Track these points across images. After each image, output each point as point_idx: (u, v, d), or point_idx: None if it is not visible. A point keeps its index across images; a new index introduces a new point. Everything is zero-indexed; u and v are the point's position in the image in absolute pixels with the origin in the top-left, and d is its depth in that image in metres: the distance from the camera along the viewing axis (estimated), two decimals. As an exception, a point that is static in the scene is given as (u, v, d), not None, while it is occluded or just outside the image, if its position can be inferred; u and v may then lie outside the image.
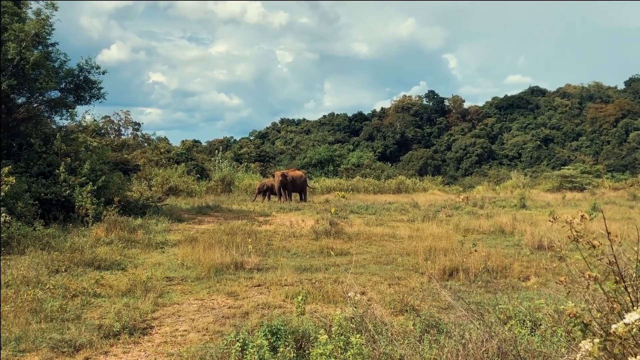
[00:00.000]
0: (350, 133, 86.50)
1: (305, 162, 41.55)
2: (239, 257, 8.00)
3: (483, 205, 18.84)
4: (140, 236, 10.12)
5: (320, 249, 9.45)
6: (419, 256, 8.51)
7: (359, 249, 9.81)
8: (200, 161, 30.60)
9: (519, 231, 11.53)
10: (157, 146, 30.59)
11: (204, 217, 14.66)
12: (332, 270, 7.74)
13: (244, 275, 7.25)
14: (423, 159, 70.62)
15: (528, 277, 7.21)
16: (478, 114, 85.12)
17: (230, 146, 68.49)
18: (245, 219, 13.32)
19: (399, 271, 7.68)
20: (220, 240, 9.37)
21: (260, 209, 17.03)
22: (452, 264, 7.49)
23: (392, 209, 17.60)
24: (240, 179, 27.53)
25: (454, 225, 12.60)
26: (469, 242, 9.33)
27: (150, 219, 12.38)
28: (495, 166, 68.06)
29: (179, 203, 18.21)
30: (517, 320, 3.85)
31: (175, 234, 11.28)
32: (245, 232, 10.82)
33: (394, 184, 30.81)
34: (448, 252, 8.43)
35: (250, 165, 38.03)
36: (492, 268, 7.46)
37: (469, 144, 75.06)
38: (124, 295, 6.18)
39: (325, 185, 28.75)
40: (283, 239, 10.72)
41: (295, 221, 13.07)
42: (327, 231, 11.00)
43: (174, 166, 25.54)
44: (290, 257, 8.84)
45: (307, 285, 6.64)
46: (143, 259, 8.55)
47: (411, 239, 10.52)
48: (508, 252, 9.03)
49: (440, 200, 22.03)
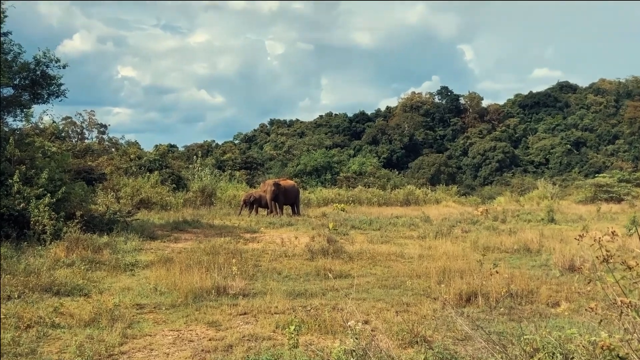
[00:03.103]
0: (350, 136, 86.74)
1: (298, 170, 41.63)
2: (222, 280, 7.97)
3: (505, 219, 18.87)
4: (106, 256, 10.07)
5: (317, 270, 9.43)
6: (431, 279, 8.51)
7: (362, 270, 9.79)
8: (177, 169, 30.56)
9: (547, 249, 11.56)
10: (126, 152, 30.56)
11: (180, 234, 14.61)
12: (330, 296, 7.72)
13: (228, 302, 7.23)
14: (435, 165, 70.84)
15: (558, 303, 7.21)
16: (499, 114, 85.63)
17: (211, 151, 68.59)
18: (229, 236, 13.27)
19: (408, 296, 7.67)
20: (199, 261, 9.34)
21: (246, 224, 16.99)
22: (470, 287, 7.49)
23: (400, 223, 17.59)
24: (224, 189, 27.46)
25: (472, 243, 12.62)
26: (489, 262, 9.33)
27: (118, 237, 12.33)
28: (519, 174, 68.32)
29: (151, 218, 18.14)
30: (545, 354, 3.85)
31: (147, 253, 11.23)
32: (229, 252, 10.77)
33: (401, 194, 30.83)
34: (465, 273, 8.43)
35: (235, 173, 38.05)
36: (516, 292, 7.47)
37: (488, 148, 75.41)
38: (87, 326, 6.14)
39: (322, 197, 28.75)
40: (273, 259, 10.69)
41: (287, 238, 13.05)
42: (325, 250, 10.98)
43: (145, 175, 25.46)
44: (281, 281, 8.82)
45: (301, 313, 6.62)
46: (109, 283, 8.51)
47: (422, 259, 10.51)
48: (534, 274, 9.04)
49: (455, 213, 22.05)
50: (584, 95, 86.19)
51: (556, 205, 23.66)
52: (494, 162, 73.97)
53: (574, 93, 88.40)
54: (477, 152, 76.35)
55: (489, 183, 67.49)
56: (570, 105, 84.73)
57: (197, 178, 28.86)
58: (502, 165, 73.98)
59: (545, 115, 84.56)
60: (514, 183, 48.63)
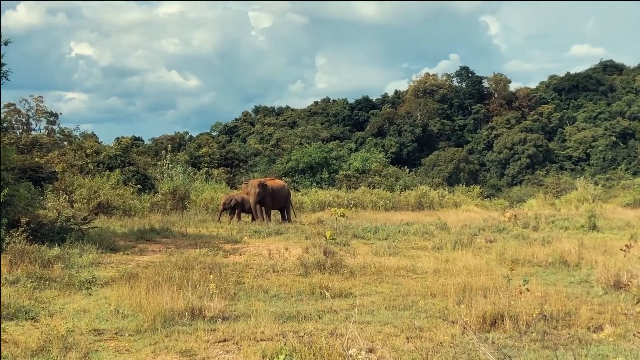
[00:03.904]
0: (352, 126, 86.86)
1: (289, 167, 41.53)
2: (197, 300, 7.96)
3: (537, 227, 18.90)
4: (57, 272, 10.04)
5: (311, 288, 9.42)
6: (449, 298, 8.52)
7: (365, 288, 9.79)
8: (143, 166, 30.51)
9: (588, 262, 11.58)
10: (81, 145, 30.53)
11: (147, 245, 14.57)
12: (328, 319, 7.72)
13: (204, 327, 7.22)
14: (453, 162, 70.99)
15: (601, 327, 7.23)
16: (530, 100, 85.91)
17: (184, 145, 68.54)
18: (205, 247, 13.25)
19: (421, 319, 7.68)
20: (170, 278, 9.33)
21: (226, 233, 16.95)
22: (495, 308, 7.50)
23: (411, 232, 17.60)
24: (199, 190, 27.40)
25: (497, 255, 12.63)
26: (518, 277, 9.34)
27: (72, 248, 12.29)
28: (554, 172, 68.56)
29: (112, 225, 18.09)
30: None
31: (107, 268, 11.20)
32: (206, 266, 10.75)
33: (413, 197, 30.81)
34: (489, 291, 8.43)
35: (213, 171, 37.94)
36: (551, 314, 7.48)
37: (517, 141, 75.63)
38: (35, 356, 6.12)
39: (317, 199, 28.72)
40: (259, 274, 10.68)
41: (275, 249, 13.03)
42: (321, 264, 10.98)
43: (105, 174, 25.42)
44: (268, 301, 8.81)
45: (293, 339, 6.61)
46: (62, 304, 8.49)
47: (438, 274, 10.52)
48: (573, 292, 9.06)
49: (477, 219, 22.06)
50: (632, 77, 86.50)
51: (599, 210, 23.70)
52: (524, 158, 74.17)
53: (620, 74, 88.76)
54: (503, 146, 76.53)
55: (518, 183, 67.65)
56: (616, 89, 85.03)
57: (167, 177, 28.84)
58: (533, 161, 74.18)
59: (585, 101, 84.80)
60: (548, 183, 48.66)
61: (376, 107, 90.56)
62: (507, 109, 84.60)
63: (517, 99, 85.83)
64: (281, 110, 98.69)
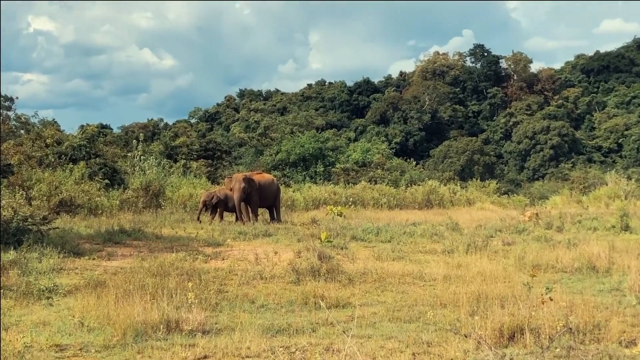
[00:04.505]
0: (350, 113, 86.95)
1: (279, 160, 41.55)
2: (173, 312, 7.96)
3: (562, 227, 18.97)
4: (13, 279, 10.02)
5: (304, 297, 9.44)
6: (461, 308, 8.54)
7: (366, 297, 9.82)
8: (111, 158, 30.41)
9: (620, 268, 11.62)
10: (40, 134, 30.38)
11: (116, 249, 14.56)
12: (323, 332, 7.74)
13: (181, 342, 7.22)
14: (467, 153, 71.08)
15: (634, 341, 7.26)
16: (554, 82, 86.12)
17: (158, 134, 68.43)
18: (183, 251, 13.24)
19: (429, 332, 7.69)
20: (142, 286, 9.32)
21: (207, 235, 16.96)
22: (514, 320, 7.52)
23: (419, 233, 17.65)
24: (175, 186, 27.40)
25: (517, 259, 12.67)
26: (540, 285, 9.38)
27: (30, 252, 12.26)
28: (582, 164, 68.69)
29: (76, 225, 18.08)
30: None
31: (71, 275, 11.19)
32: (184, 272, 10.76)
33: (420, 193, 30.89)
34: (507, 301, 8.46)
35: (192, 164, 37.90)
36: (578, 326, 7.50)
37: (539, 129, 75.77)
38: (-13, 375, 6.12)
39: (311, 196, 28.76)
40: (244, 282, 10.69)
41: (263, 254, 13.05)
42: (315, 269, 10.99)
43: (67, 166, 25.36)
44: (255, 312, 8.82)
45: (283, 355, 6.63)
46: (18, 315, 8.47)
47: (448, 281, 10.55)
48: (602, 302, 9.09)
49: (494, 218, 22.12)
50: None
51: (632, 208, 23.76)
52: (547, 149, 74.32)
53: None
54: (523, 135, 76.66)
55: (540, 177, 67.77)
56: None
57: (139, 171, 28.79)
58: (558, 152, 74.33)
59: (617, 84, 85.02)
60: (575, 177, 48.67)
61: (378, 91, 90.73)
62: (528, 92, 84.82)
63: (539, 82, 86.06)
64: (270, 94, 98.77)
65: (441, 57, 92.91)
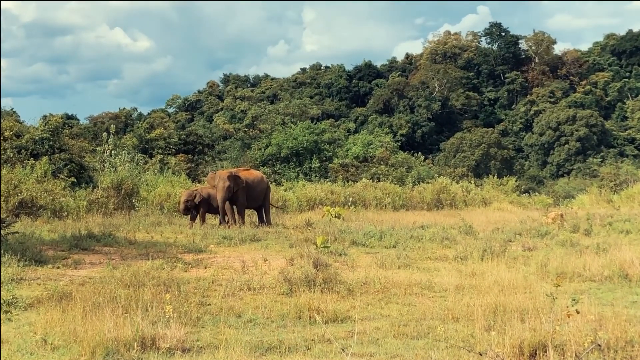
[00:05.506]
0: (350, 101, 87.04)
1: (269, 155, 41.60)
2: (149, 327, 7.95)
3: (590, 230, 18.97)
4: (-34, 291, 10.00)
5: (297, 311, 9.44)
6: (476, 322, 8.54)
7: (368, 310, 9.82)
8: (78, 153, 30.38)
9: (655, 276, 11.64)
10: (-3, 126, 30.38)
11: (84, 256, 14.55)
12: (319, 351, 7.73)
13: (158, 361, 7.22)
14: (482, 147, 71.14)
15: (671, 359, 7.26)
16: (580, 66, 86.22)
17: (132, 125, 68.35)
18: (159, 258, 13.26)
19: (440, 350, 7.69)
20: (113, 298, 9.31)
21: (187, 240, 16.99)
22: (536, 336, 7.52)
23: (427, 237, 17.67)
24: (151, 185, 27.38)
25: (539, 267, 12.69)
26: (565, 296, 9.39)
27: (-15, 260, 12.26)
28: (612, 159, 68.66)
29: (38, 230, 18.07)
30: None
31: (32, 286, 11.16)
32: (160, 283, 10.76)
33: (429, 192, 30.90)
34: (527, 314, 8.47)
35: (170, 159, 37.91)
36: (608, 343, 7.50)
37: (564, 119, 75.87)
38: (-64, 401, 6.10)
39: (305, 196, 28.75)
40: (229, 293, 10.69)
41: (251, 261, 13.08)
42: (310, 279, 10.99)
43: (28, 163, 25.33)
44: (242, 327, 8.80)
45: (274, 377, 6.62)
46: (-29, 333, 8.45)
47: (461, 292, 10.56)
48: (636, 314, 9.09)
49: (513, 220, 22.13)
50: None
51: (669, 208, 23.84)
52: (572, 141, 74.40)
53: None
54: (546, 126, 76.75)
55: (566, 174, 67.93)
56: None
57: (110, 168, 28.78)
58: (585, 145, 74.43)
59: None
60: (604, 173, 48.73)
61: (382, 76, 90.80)
62: (551, 77, 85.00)
63: (563, 65, 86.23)
64: (258, 80, 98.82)
65: (453, 37, 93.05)
